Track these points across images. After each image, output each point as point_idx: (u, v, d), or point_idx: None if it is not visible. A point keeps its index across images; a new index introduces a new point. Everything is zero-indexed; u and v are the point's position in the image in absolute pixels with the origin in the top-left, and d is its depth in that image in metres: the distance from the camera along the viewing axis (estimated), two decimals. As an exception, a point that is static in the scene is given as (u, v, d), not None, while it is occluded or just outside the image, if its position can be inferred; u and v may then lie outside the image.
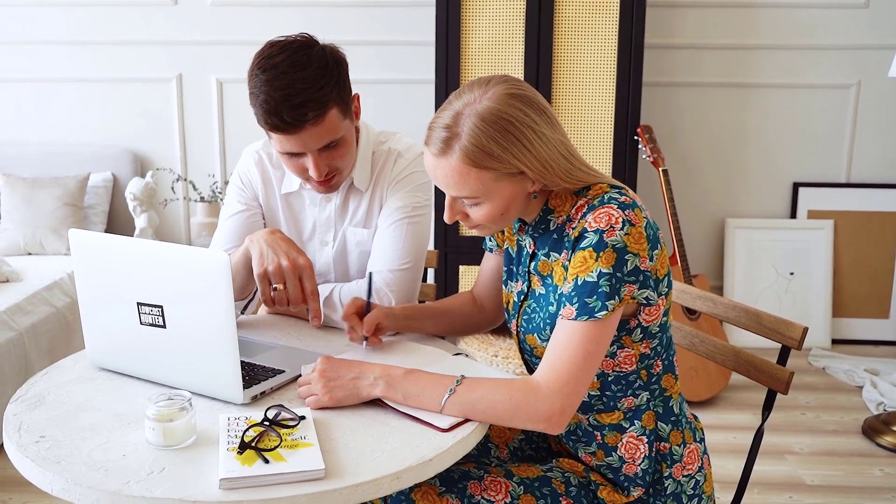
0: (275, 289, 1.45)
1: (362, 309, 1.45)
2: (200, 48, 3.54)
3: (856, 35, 3.50)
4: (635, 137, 3.16)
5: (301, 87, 1.42)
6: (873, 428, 2.76)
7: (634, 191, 3.21)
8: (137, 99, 3.59)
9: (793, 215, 3.65)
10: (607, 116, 3.17)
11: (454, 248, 3.27)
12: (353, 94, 1.56)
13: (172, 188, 3.57)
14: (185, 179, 3.60)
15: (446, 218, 1.28)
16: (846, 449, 2.69)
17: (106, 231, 3.46)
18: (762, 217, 3.68)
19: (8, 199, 3.27)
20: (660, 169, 3.11)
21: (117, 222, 3.56)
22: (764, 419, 1.51)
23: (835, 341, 3.60)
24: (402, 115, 3.47)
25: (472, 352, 3.17)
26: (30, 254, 3.23)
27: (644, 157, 3.14)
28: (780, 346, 1.49)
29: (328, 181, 1.57)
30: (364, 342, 1.42)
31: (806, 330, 1.46)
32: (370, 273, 1.50)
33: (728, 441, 2.72)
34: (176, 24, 3.52)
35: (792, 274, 3.59)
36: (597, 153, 3.20)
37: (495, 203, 1.23)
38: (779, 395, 1.50)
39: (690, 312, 3.01)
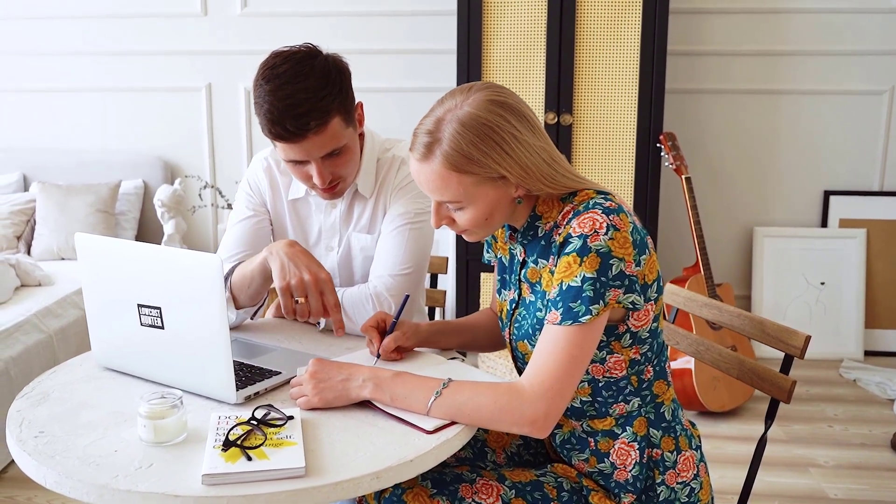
0: (296, 301, 1.47)
1: (383, 324, 1.45)
2: (229, 58, 3.62)
3: (888, 40, 3.43)
4: (658, 145, 3.14)
5: (303, 97, 1.45)
6: (902, 442, 2.69)
7: (657, 199, 3.20)
8: (168, 108, 3.68)
9: (824, 224, 3.58)
10: (630, 124, 3.15)
11: (475, 255, 3.28)
12: (356, 102, 1.58)
13: (200, 195, 3.64)
14: (213, 186, 3.67)
15: (433, 223, 1.29)
16: (873, 463, 2.62)
17: (136, 237, 3.55)
18: (792, 226, 3.62)
19: (42, 205, 3.37)
20: (682, 177, 3.08)
21: (148, 229, 3.65)
22: (766, 428, 1.49)
23: (867, 353, 3.51)
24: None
25: (493, 359, 3.17)
26: (63, 259, 3.33)
27: (667, 164, 3.12)
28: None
29: (332, 188, 1.60)
30: (376, 359, 1.42)
31: (808, 338, 1.44)
32: (407, 295, 1.51)
33: (751, 452, 2.66)
34: (205, 34, 3.61)
35: (823, 284, 3.51)
36: (619, 161, 3.18)
37: (479, 207, 1.24)
38: (807, 407, 1.48)
39: (713, 323, 2.97)
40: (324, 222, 1.72)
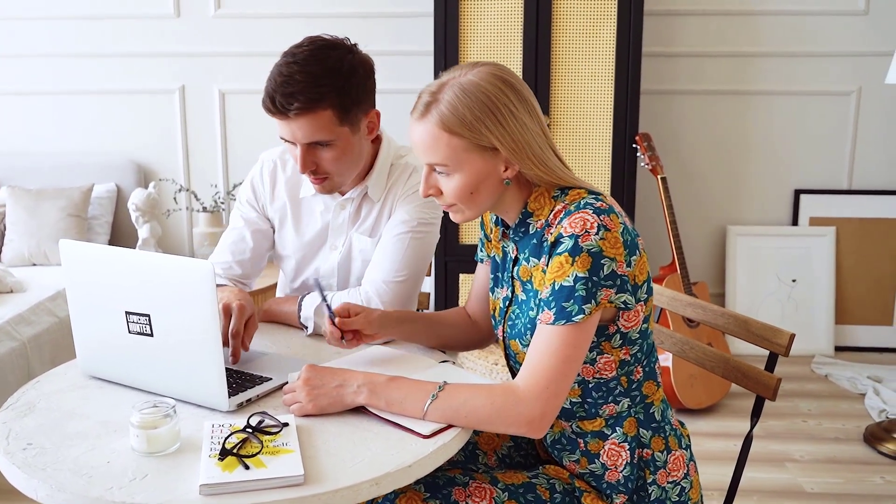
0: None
1: (346, 313, 1.44)
2: (203, 60, 3.58)
3: (856, 42, 3.50)
4: (634, 145, 3.17)
5: (300, 79, 1.49)
6: (875, 435, 2.75)
7: (633, 199, 3.23)
8: (141, 110, 3.63)
9: (794, 222, 3.65)
10: (606, 124, 3.18)
11: (454, 256, 3.29)
12: (370, 109, 1.61)
13: (175, 198, 3.60)
14: (188, 190, 3.63)
15: (421, 191, 1.32)
16: (847, 456, 2.67)
17: (110, 242, 3.50)
18: (764, 224, 3.68)
19: (13, 210, 3.31)
20: (658, 177, 3.11)
21: (121, 233, 3.60)
22: (752, 426, 1.51)
23: (838, 348, 3.59)
24: (402, 123, 3.47)
25: (473, 359, 3.17)
26: (34, 264, 3.27)
27: (643, 164, 3.15)
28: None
29: (319, 181, 1.61)
30: (342, 341, 1.41)
31: (793, 336, 1.47)
32: (316, 279, 1.52)
33: (729, 448, 2.71)
34: (179, 35, 3.56)
35: (794, 281, 3.58)
36: (595, 161, 3.21)
37: (465, 176, 1.26)
38: (781, 403, 1.50)
39: (690, 321, 3.01)
40: (333, 221, 1.73)
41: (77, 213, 3.32)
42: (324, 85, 1.49)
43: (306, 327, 1.63)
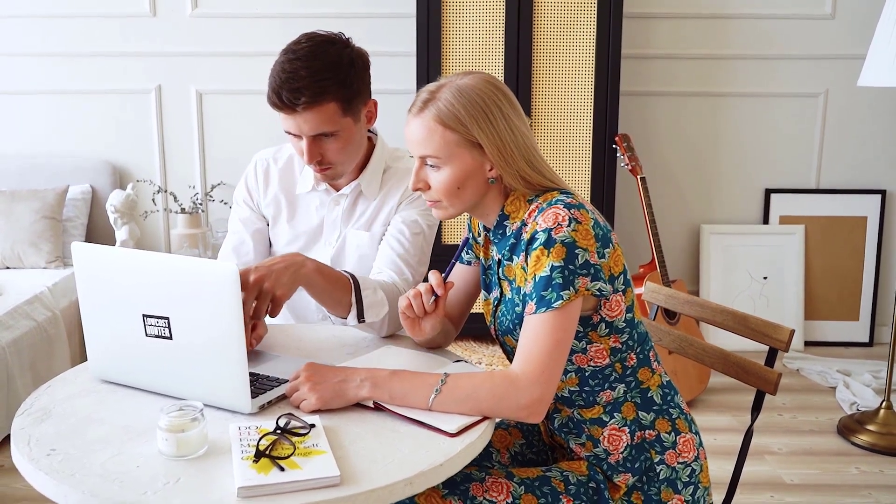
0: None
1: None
2: (180, 59, 3.53)
3: (823, 45, 3.61)
4: (613, 146, 3.22)
5: (303, 75, 1.54)
6: (848, 427, 2.84)
7: (613, 199, 3.28)
8: (116, 111, 3.57)
9: (765, 221, 3.74)
10: (586, 126, 3.22)
11: (435, 256, 3.29)
12: (368, 99, 1.67)
13: (153, 200, 3.55)
14: (166, 191, 3.58)
15: (411, 184, 1.38)
16: (823, 448, 2.76)
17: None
18: (736, 223, 3.77)
19: (-15, 212, 3.23)
20: (638, 177, 3.17)
21: (96, 235, 3.54)
22: (753, 420, 1.57)
23: (807, 343, 3.69)
24: (382, 125, 3.47)
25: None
26: (8, 268, 3.20)
27: (622, 165, 3.20)
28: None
29: (323, 170, 1.66)
30: (432, 298, 1.41)
31: (793, 332, 1.52)
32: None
33: (709, 443, 2.77)
34: (155, 35, 3.51)
35: (765, 278, 3.67)
36: (576, 162, 3.26)
37: (454, 171, 1.33)
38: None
39: (670, 316, 3.07)
40: (327, 217, 1.76)
41: (52, 216, 3.26)
42: (327, 79, 1.55)
43: (337, 317, 1.59)
